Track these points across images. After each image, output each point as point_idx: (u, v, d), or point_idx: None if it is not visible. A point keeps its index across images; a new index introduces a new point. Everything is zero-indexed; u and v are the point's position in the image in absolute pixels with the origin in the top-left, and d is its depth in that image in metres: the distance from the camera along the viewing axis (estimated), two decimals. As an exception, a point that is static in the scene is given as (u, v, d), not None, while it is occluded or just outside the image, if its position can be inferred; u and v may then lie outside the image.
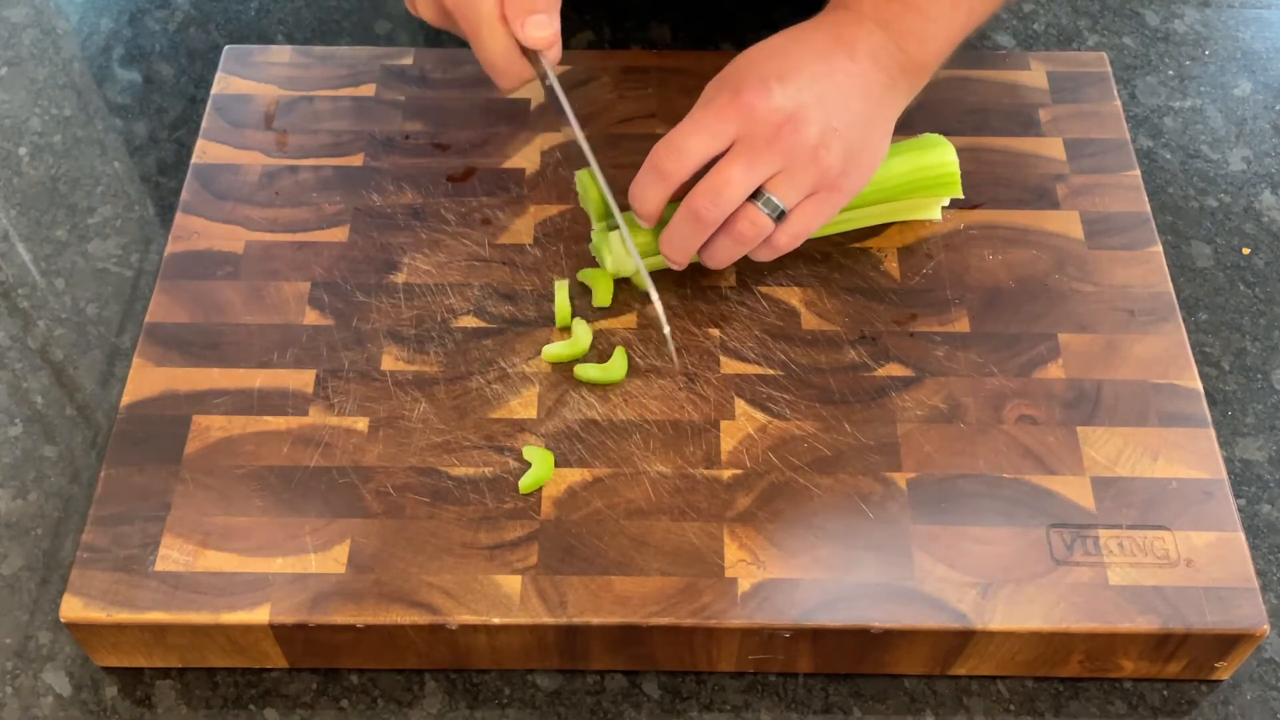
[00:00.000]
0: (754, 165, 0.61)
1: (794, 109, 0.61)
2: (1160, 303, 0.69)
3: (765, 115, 0.61)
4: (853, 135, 0.63)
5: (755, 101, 0.61)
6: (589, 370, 0.65)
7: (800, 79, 0.62)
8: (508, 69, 0.63)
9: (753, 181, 0.62)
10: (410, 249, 0.71)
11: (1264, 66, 0.87)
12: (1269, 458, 0.69)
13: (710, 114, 0.62)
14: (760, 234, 0.63)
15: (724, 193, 0.62)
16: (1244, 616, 0.59)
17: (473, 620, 0.58)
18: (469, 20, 0.62)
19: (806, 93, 0.62)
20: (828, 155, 0.62)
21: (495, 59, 0.63)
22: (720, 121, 0.62)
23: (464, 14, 0.62)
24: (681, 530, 0.61)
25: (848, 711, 0.61)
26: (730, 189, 0.62)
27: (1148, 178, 0.80)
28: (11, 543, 0.66)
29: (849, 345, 0.68)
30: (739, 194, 0.62)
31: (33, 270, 0.76)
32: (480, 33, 0.62)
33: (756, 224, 0.63)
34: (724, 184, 0.62)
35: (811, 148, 0.61)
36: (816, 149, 0.61)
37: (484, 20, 0.62)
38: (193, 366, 0.67)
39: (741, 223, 0.63)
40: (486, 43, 0.62)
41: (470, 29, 0.62)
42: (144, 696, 0.62)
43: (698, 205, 0.62)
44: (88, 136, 0.83)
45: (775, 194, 0.62)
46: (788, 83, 0.61)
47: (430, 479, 0.63)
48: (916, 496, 0.62)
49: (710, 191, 0.62)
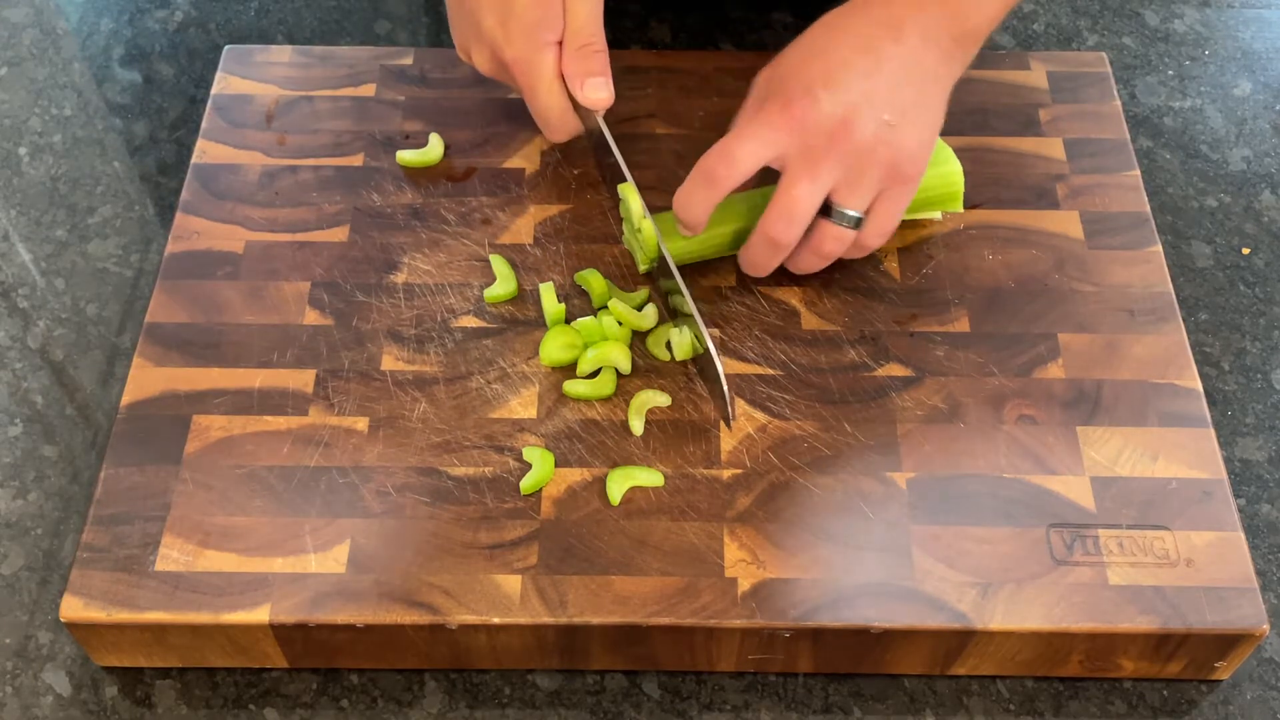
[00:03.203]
0: (816, 178, 0.61)
1: (844, 113, 0.61)
2: (1160, 303, 0.69)
3: (816, 124, 0.61)
4: (907, 123, 0.62)
5: (805, 113, 0.61)
6: (578, 386, 0.65)
7: (846, 79, 0.61)
8: (562, 124, 0.67)
9: (819, 194, 0.62)
10: (410, 249, 0.71)
11: (1264, 66, 0.87)
12: (1269, 458, 0.69)
13: (761, 123, 0.62)
14: (844, 245, 0.64)
15: (795, 213, 0.62)
16: (1244, 616, 0.59)
17: (473, 620, 0.58)
18: (528, 78, 0.65)
19: (854, 92, 0.61)
20: (887, 151, 0.62)
21: (551, 116, 0.67)
22: (772, 131, 0.62)
23: (523, 72, 0.65)
24: (681, 530, 0.61)
25: (848, 711, 0.61)
26: (799, 207, 0.62)
27: (1148, 178, 0.80)
28: (11, 543, 0.66)
29: (849, 345, 0.68)
30: (809, 210, 0.62)
31: (33, 270, 0.76)
32: (538, 91, 0.66)
33: (839, 239, 0.64)
34: (793, 204, 0.62)
35: (869, 149, 0.61)
36: (874, 148, 0.61)
37: (543, 80, 0.65)
38: (193, 366, 0.67)
39: (824, 241, 0.64)
40: (543, 100, 0.66)
41: (528, 86, 0.66)
42: (144, 696, 0.62)
43: (773, 231, 0.63)
44: (88, 136, 0.83)
45: (846, 206, 0.63)
46: (834, 86, 0.61)
47: (430, 479, 0.63)
48: (916, 496, 0.62)
49: (783, 216, 0.62)
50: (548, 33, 0.64)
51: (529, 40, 0.64)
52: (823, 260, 0.66)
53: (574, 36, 0.65)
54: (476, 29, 0.66)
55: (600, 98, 0.65)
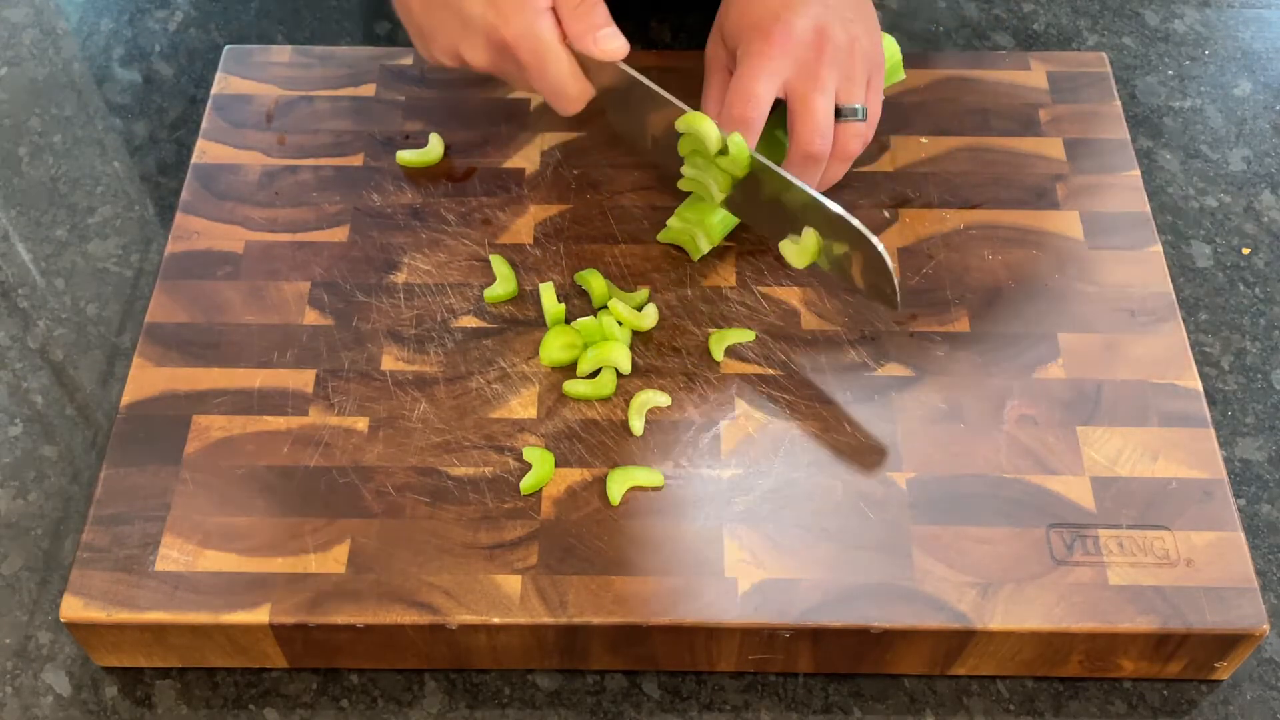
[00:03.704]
0: (824, 88, 0.66)
1: (815, 25, 0.66)
2: (1160, 303, 0.69)
3: (800, 42, 0.65)
4: (861, 17, 0.68)
5: (786, 38, 0.65)
6: (578, 386, 0.65)
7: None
8: (577, 91, 0.65)
9: (831, 100, 0.66)
10: (410, 249, 0.71)
11: (1264, 66, 0.87)
12: (1269, 458, 0.69)
13: (759, 60, 0.65)
14: (862, 140, 0.68)
15: (820, 122, 0.65)
16: (1244, 616, 0.59)
17: (473, 620, 0.58)
18: (533, 51, 0.63)
19: (812, 4, 0.66)
20: (860, 42, 0.67)
21: (564, 83, 0.65)
22: (769, 61, 0.65)
23: (528, 47, 0.63)
24: (681, 530, 0.61)
25: (848, 711, 0.61)
26: (822, 116, 0.65)
27: (1148, 178, 0.80)
28: (11, 543, 0.66)
29: (849, 345, 0.68)
30: (830, 116, 0.66)
31: (33, 270, 0.76)
32: (548, 61, 0.64)
33: (857, 134, 0.68)
34: (815, 115, 0.65)
35: (848, 47, 0.66)
36: (851, 44, 0.67)
37: (550, 49, 0.63)
38: (193, 366, 0.67)
39: (847, 142, 0.67)
40: (552, 69, 0.64)
41: (535, 59, 0.63)
42: (144, 696, 0.62)
43: (811, 147, 0.66)
44: (88, 136, 0.83)
45: (852, 102, 0.67)
46: (795, 7, 0.66)
47: (430, 479, 0.63)
48: (916, 496, 0.62)
49: (814, 129, 0.65)
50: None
51: (524, 10, 0.62)
52: (846, 163, 0.69)
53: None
54: (464, 22, 0.64)
55: (615, 47, 0.64)
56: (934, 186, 0.74)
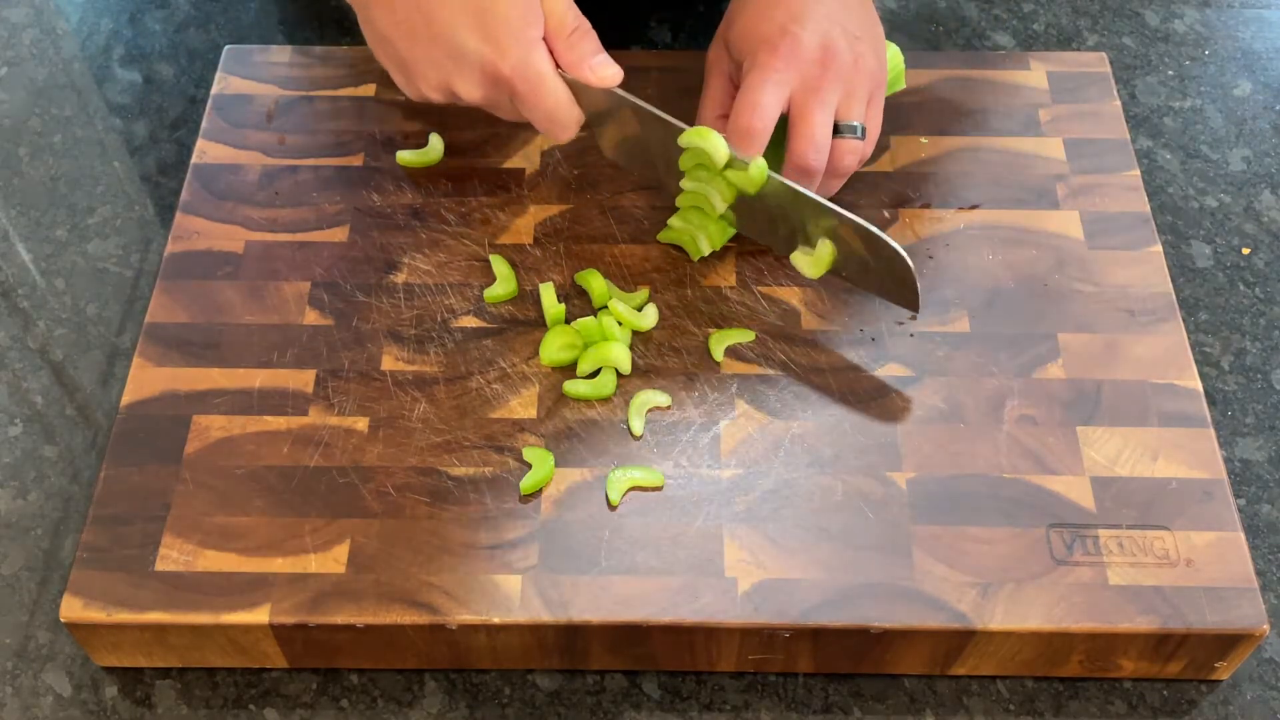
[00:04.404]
0: (825, 103, 0.66)
1: (822, 40, 0.66)
2: (1160, 303, 0.69)
3: (805, 56, 0.66)
4: (866, 34, 0.68)
5: (792, 50, 0.66)
6: (578, 386, 0.65)
7: (808, 11, 0.67)
8: (569, 118, 0.66)
9: (831, 115, 0.66)
10: (410, 249, 0.71)
11: (1264, 66, 0.87)
12: (1269, 458, 0.69)
13: (766, 72, 0.66)
14: (858, 157, 0.68)
15: (818, 138, 0.66)
16: (1244, 616, 0.59)
17: (473, 620, 0.58)
18: (530, 82, 0.63)
19: (821, 20, 0.67)
20: (865, 60, 0.68)
21: (559, 111, 0.65)
22: (775, 73, 0.66)
23: (524, 77, 0.63)
24: (681, 530, 0.61)
25: (848, 711, 0.61)
26: (820, 132, 0.66)
27: (1148, 178, 0.80)
28: (11, 543, 0.66)
29: (849, 345, 0.68)
30: (828, 132, 0.66)
31: (33, 270, 0.77)
32: (543, 92, 0.64)
33: (854, 151, 0.68)
34: (814, 130, 0.66)
35: (852, 64, 0.67)
36: (855, 61, 0.67)
37: (546, 79, 0.64)
38: (193, 366, 0.67)
39: (842, 158, 0.68)
40: (548, 98, 0.64)
41: (530, 90, 0.64)
42: (144, 696, 0.62)
43: (805, 161, 0.66)
44: (88, 136, 0.83)
45: (851, 119, 0.67)
46: (803, 21, 0.66)
47: (430, 479, 0.63)
48: (916, 496, 0.62)
49: (810, 144, 0.66)
50: (533, 29, 0.63)
51: (519, 42, 0.63)
52: (840, 179, 0.69)
53: (559, 27, 0.64)
54: (457, 56, 0.63)
55: (610, 74, 0.65)
56: (934, 186, 0.74)
